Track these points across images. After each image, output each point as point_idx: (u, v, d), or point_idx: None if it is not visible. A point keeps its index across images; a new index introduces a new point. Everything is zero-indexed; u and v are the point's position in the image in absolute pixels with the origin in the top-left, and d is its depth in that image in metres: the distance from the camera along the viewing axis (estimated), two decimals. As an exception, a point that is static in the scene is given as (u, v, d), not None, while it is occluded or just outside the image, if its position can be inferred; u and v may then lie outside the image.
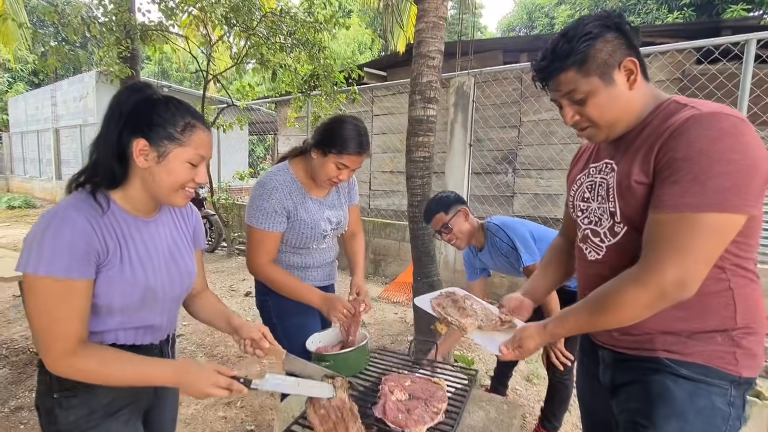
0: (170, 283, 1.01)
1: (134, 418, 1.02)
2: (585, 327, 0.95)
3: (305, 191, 1.56)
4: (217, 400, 2.49)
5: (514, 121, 5.13)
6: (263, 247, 1.50)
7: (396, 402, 1.30)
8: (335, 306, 1.47)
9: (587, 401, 1.21)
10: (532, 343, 1.04)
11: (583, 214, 1.03)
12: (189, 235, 1.12)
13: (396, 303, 4.19)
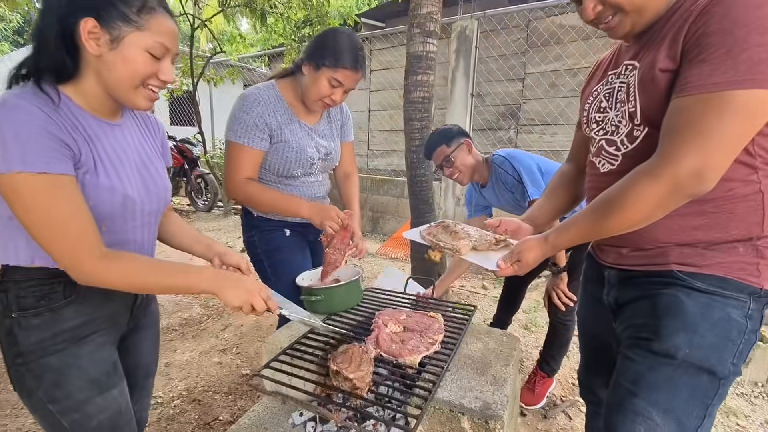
0: (147, 193, 0.92)
1: (108, 344, 0.94)
2: (590, 233, 0.87)
3: (293, 113, 1.43)
4: (213, 346, 2.47)
5: (519, 73, 4.89)
6: (241, 164, 1.38)
7: (390, 334, 1.24)
8: (329, 213, 1.36)
9: (589, 326, 1.15)
10: (531, 255, 0.97)
11: (599, 125, 0.95)
12: (158, 149, 1.03)
13: (394, 259, 4.15)
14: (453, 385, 1.01)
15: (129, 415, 0.97)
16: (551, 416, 1.88)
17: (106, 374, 0.91)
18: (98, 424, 0.90)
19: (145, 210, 0.93)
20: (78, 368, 0.87)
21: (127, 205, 0.87)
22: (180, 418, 1.86)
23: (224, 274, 0.89)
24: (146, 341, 1.11)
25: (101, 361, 0.91)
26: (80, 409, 0.87)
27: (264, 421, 1.13)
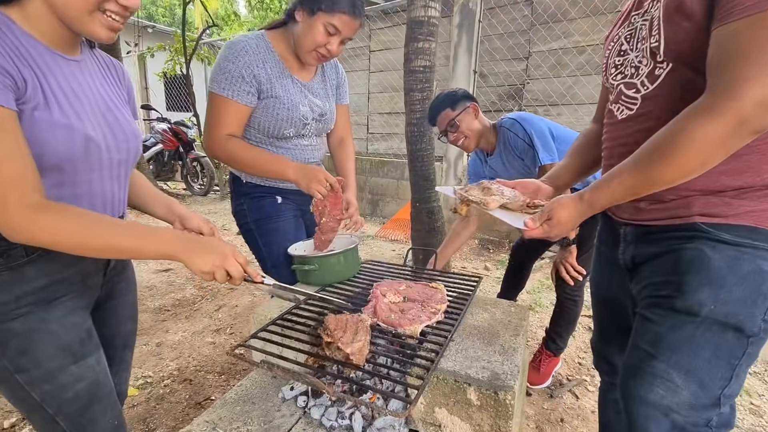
0: (113, 139, 0.82)
1: (80, 308, 0.84)
2: (635, 187, 0.75)
3: (284, 67, 1.31)
4: (206, 326, 2.39)
5: (523, 51, 4.73)
6: (224, 119, 1.25)
7: (389, 304, 1.15)
8: (316, 176, 1.23)
9: (603, 291, 1.07)
10: (564, 213, 0.86)
11: (617, 69, 0.87)
12: (124, 96, 0.93)
13: (394, 241, 4.05)
14: (458, 356, 0.92)
15: (109, 386, 0.88)
16: (557, 395, 1.80)
17: (80, 341, 0.82)
18: (75, 395, 0.81)
19: (113, 159, 0.82)
20: (48, 333, 0.77)
21: (91, 149, 0.76)
22: (170, 397, 1.78)
23: (190, 235, 0.79)
24: (123, 309, 1.01)
25: (73, 326, 0.81)
26: (52, 379, 0.78)
27: (252, 396, 1.04)
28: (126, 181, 0.91)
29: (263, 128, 1.32)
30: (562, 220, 0.87)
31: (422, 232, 2.59)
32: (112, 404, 0.88)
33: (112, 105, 0.85)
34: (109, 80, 0.89)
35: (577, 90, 4.23)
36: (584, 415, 1.69)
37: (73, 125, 0.73)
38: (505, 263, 3.38)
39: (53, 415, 0.79)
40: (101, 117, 0.81)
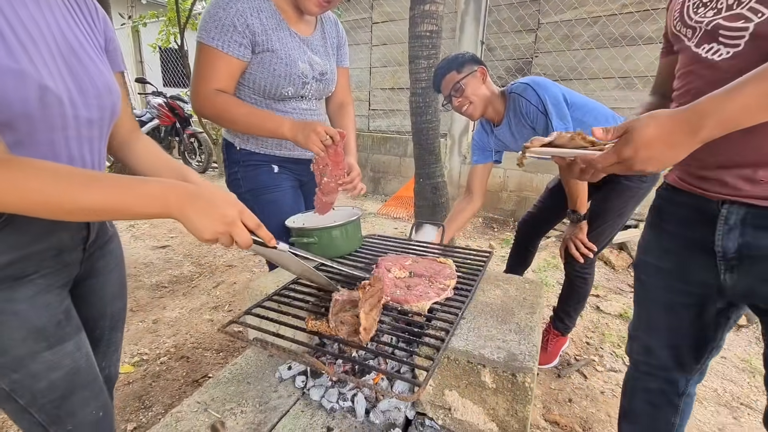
0: (80, 93, 0.68)
1: (56, 287, 0.73)
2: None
3: (281, 18, 1.18)
4: (204, 303, 2.34)
5: (532, 22, 4.51)
6: (213, 73, 1.13)
7: (394, 279, 1.07)
8: (314, 128, 1.10)
9: (666, 277, 0.88)
10: (652, 128, 0.61)
11: (706, 7, 0.72)
12: (98, 42, 0.78)
13: (396, 219, 3.97)
14: (470, 334, 0.85)
15: (92, 373, 0.78)
16: (565, 375, 1.75)
17: (56, 324, 0.71)
18: (49, 384, 0.71)
19: (80, 116, 0.69)
20: (14, 315, 0.66)
21: (49, 102, 0.64)
22: (167, 375, 1.73)
23: (189, 187, 0.64)
24: (108, 287, 0.90)
25: (47, 306, 0.70)
26: (22, 367, 0.68)
27: (247, 375, 0.98)
28: (102, 144, 0.79)
29: (259, 87, 1.20)
30: (646, 139, 0.60)
31: (426, 207, 2.49)
32: (96, 393, 0.79)
33: (79, 48, 0.71)
34: (78, 19, 0.75)
35: (589, 62, 4.05)
36: (593, 396, 1.64)
37: (23, 70, 0.60)
38: (509, 242, 3.30)
39: (25, 406, 0.70)
40: (62, 63, 0.67)
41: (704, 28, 0.72)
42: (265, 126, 1.16)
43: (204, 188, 0.65)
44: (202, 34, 1.12)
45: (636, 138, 0.61)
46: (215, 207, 0.64)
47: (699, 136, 0.59)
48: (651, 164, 0.62)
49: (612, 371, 1.79)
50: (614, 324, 2.17)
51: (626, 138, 0.63)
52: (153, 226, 3.70)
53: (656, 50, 3.74)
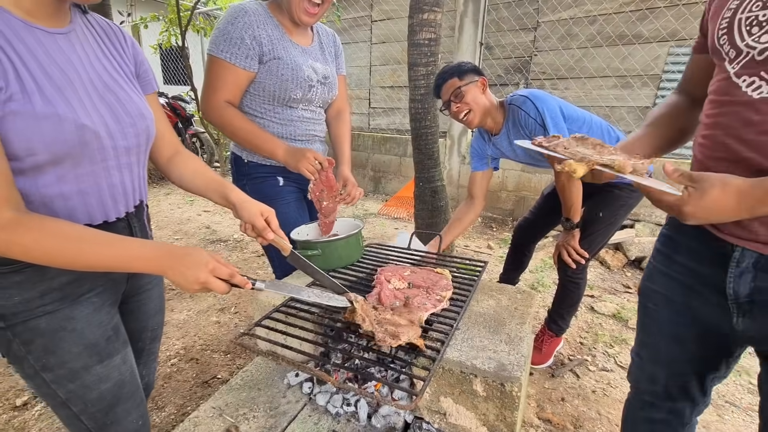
0: (116, 123, 0.74)
1: (107, 305, 0.81)
2: None
3: (283, 31, 1.28)
4: (211, 305, 2.42)
5: (531, 22, 4.54)
6: (222, 84, 1.23)
7: (393, 290, 1.14)
8: (304, 155, 1.22)
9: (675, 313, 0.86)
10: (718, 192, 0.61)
11: (762, 28, 0.62)
12: (129, 70, 0.82)
13: (396, 218, 4.03)
14: (464, 345, 0.92)
15: (135, 384, 0.86)
16: (559, 375, 1.82)
17: (106, 339, 0.79)
18: (99, 395, 0.79)
19: (119, 146, 0.75)
20: (72, 332, 0.74)
21: (87, 139, 0.69)
22: (177, 376, 1.81)
23: (171, 251, 0.72)
24: (151, 301, 0.97)
25: (99, 324, 0.78)
26: (77, 378, 0.76)
27: (257, 382, 1.05)
28: (141, 169, 0.84)
29: (269, 92, 1.28)
30: (718, 204, 0.61)
31: (426, 211, 2.56)
32: (137, 403, 0.86)
33: (112, 82, 0.75)
34: (108, 51, 0.78)
35: (586, 63, 4.09)
36: (585, 395, 1.71)
37: (59, 114, 0.65)
38: (507, 241, 3.37)
39: (77, 413, 0.78)
40: (98, 99, 0.72)
41: (754, 55, 0.63)
42: (263, 146, 1.27)
43: (184, 252, 0.72)
44: (212, 47, 1.21)
45: (704, 200, 0.62)
46: (191, 269, 0.71)
47: (755, 213, 0.60)
48: (699, 221, 0.64)
49: (604, 371, 1.86)
50: (608, 324, 2.25)
51: (695, 196, 0.63)
52: (158, 228, 3.77)
53: (653, 50, 3.78)
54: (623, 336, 2.12)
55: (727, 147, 0.67)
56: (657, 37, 3.67)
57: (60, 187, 0.69)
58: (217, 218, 4.10)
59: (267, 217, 0.92)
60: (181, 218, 4.04)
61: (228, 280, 0.74)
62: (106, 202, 0.76)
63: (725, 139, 0.68)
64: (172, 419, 1.58)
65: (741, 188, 0.60)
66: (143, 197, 0.86)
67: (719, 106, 0.70)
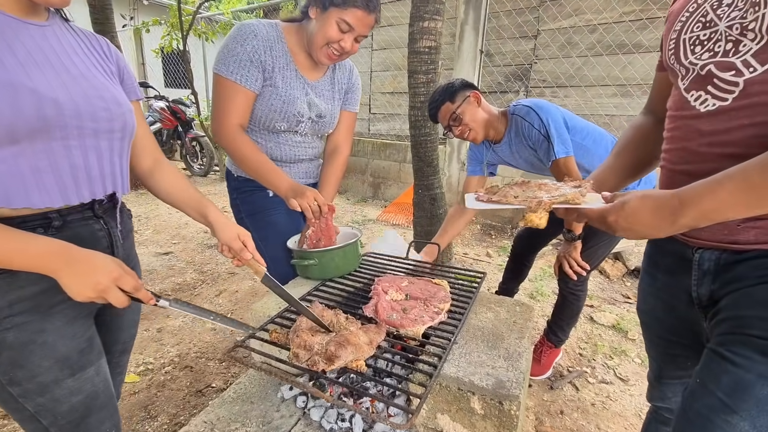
0: (87, 104, 0.71)
1: (82, 316, 0.78)
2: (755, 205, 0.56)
3: (291, 59, 1.25)
4: (206, 312, 2.39)
5: (531, 30, 4.56)
6: (234, 107, 1.20)
7: (390, 302, 1.12)
8: (304, 193, 1.21)
9: (663, 328, 0.89)
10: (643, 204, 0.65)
11: (703, 46, 0.67)
12: (110, 69, 0.82)
13: (395, 225, 4.02)
14: (461, 360, 0.90)
15: (108, 394, 0.84)
16: (558, 387, 1.80)
17: (79, 352, 0.77)
18: (70, 408, 0.77)
19: (86, 126, 0.71)
20: (43, 345, 0.72)
21: (46, 111, 0.66)
22: (171, 384, 1.79)
23: (67, 251, 0.66)
24: (127, 315, 0.95)
25: (73, 336, 0.75)
26: (47, 392, 0.74)
27: (250, 395, 1.03)
28: (115, 157, 0.80)
29: (255, 117, 1.27)
30: (636, 213, 0.65)
31: (425, 218, 2.55)
32: (111, 413, 0.84)
33: (88, 72, 0.75)
34: (89, 50, 0.79)
35: (586, 71, 4.10)
36: (584, 407, 1.69)
37: (13, 81, 0.62)
38: (507, 249, 3.35)
39: (47, 426, 0.76)
40: (71, 81, 0.71)
41: (697, 71, 0.68)
42: (267, 179, 1.26)
43: (85, 254, 0.67)
44: (221, 67, 1.18)
45: (624, 209, 0.66)
46: (89, 274, 0.66)
47: (677, 224, 0.62)
48: (629, 235, 0.67)
49: (603, 383, 1.84)
50: (607, 335, 2.23)
51: (616, 205, 0.67)
52: (156, 232, 3.75)
53: (653, 59, 3.79)
54: (623, 347, 2.10)
55: (685, 159, 0.71)
56: (657, 46, 3.68)
57: (17, 163, 0.65)
58: (215, 223, 4.08)
59: (244, 239, 0.92)
60: (179, 222, 4.02)
61: (131, 293, 0.71)
62: (67, 183, 0.72)
63: (682, 153, 0.71)
64: (164, 429, 1.55)
65: (657, 196, 0.64)
66: (117, 189, 0.82)
67: (675, 120, 0.74)
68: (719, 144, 0.65)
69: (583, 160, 1.57)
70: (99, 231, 0.79)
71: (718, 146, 0.65)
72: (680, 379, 0.92)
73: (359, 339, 0.88)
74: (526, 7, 4.47)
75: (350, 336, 0.87)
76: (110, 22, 4.74)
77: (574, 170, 1.46)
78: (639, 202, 0.65)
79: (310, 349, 0.85)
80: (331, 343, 0.85)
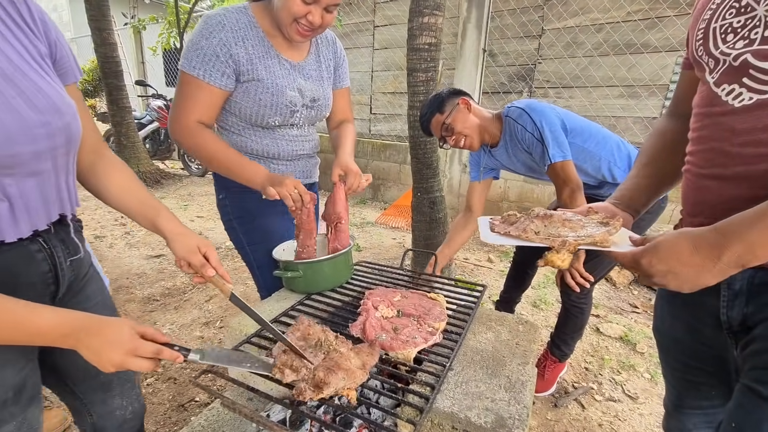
0: (19, 123, 0.57)
1: (14, 358, 0.67)
2: None
3: (270, 45, 1.13)
4: (195, 318, 2.30)
5: (535, 29, 4.45)
6: (194, 104, 1.08)
7: (380, 319, 1.01)
8: (283, 181, 1.06)
9: (684, 351, 0.81)
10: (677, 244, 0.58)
11: (736, 34, 0.60)
12: (38, 52, 0.64)
13: (395, 228, 3.92)
14: (457, 390, 0.79)
15: None
16: (562, 405, 1.69)
17: (1, 404, 0.65)
18: None
19: (24, 152, 0.59)
20: None
21: None
22: (152, 398, 1.69)
23: (82, 324, 0.59)
24: None
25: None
26: None
27: (223, 423, 0.93)
28: (63, 175, 0.69)
29: (245, 115, 1.16)
30: (673, 252, 0.57)
31: (423, 223, 2.44)
32: None
33: (12, 72, 0.58)
34: (8, 30, 0.61)
35: (592, 71, 3.99)
36: (591, 428, 1.58)
37: None
38: (509, 255, 3.24)
39: None
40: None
41: (730, 61, 0.60)
42: (241, 174, 1.12)
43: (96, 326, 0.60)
44: (184, 62, 1.07)
45: (658, 249, 0.59)
46: (104, 350, 0.59)
47: (723, 260, 0.54)
48: (671, 280, 0.59)
49: (611, 401, 1.73)
50: (614, 348, 2.12)
51: (649, 248, 0.60)
52: (148, 233, 3.66)
53: (662, 59, 3.68)
54: (631, 361, 1.99)
55: (714, 162, 0.64)
56: (666, 46, 3.57)
57: None
58: (210, 224, 3.99)
59: (205, 252, 0.79)
60: (173, 224, 3.93)
61: (155, 357, 0.63)
62: (18, 218, 0.62)
63: (711, 155, 0.64)
64: (141, 449, 1.45)
65: (696, 231, 0.57)
66: (66, 210, 0.71)
67: (702, 118, 0.67)
68: (755, 143, 0.57)
69: (586, 164, 1.47)
70: (38, 253, 0.68)
71: (753, 145, 0.57)
72: (702, 410, 0.83)
73: (351, 363, 0.78)
74: (531, 5, 4.36)
75: (341, 360, 0.77)
76: (106, 19, 4.67)
77: (572, 175, 1.36)
78: (675, 239, 0.58)
79: (297, 371, 0.75)
80: (319, 368, 0.75)
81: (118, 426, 0.91)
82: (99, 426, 0.91)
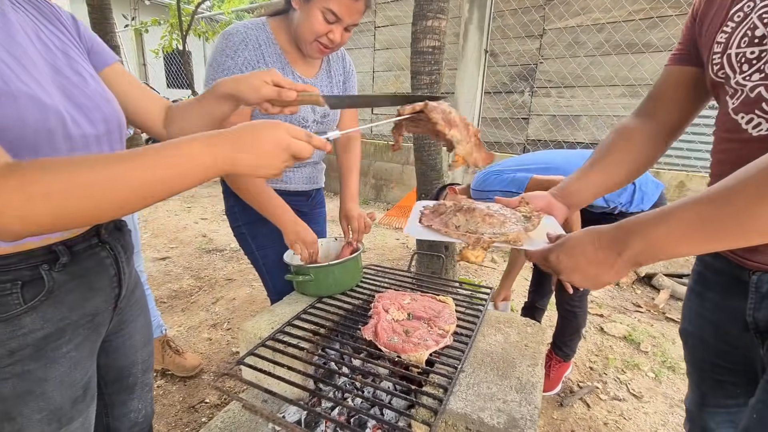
0: (76, 108, 0.62)
1: (85, 357, 0.69)
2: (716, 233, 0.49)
3: (286, 62, 1.16)
4: (202, 320, 2.32)
5: (537, 29, 4.46)
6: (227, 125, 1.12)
7: (391, 322, 1.03)
8: (305, 240, 1.17)
9: (708, 351, 0.82)
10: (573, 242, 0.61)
11: (751, 65, 0.61)
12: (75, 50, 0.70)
13: (398, 229, 3.94)
14: (469, 392, 0.81)
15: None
16: (568, 404, 1.71)
17: (73, 401, 0.68)
18: None
19: (88, 134, 0.63)
20: (41, 396, 0.64)
21: (51, 122, 0.57)
22: (163, 399, 1.71)
23: (227, 133, 0.57)
24: (137, 334, 0.87)
25: (71, 384, 0.67)
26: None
27: (239, 425, 0.95)
28: None
29: None
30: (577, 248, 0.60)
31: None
32: None
33: (63, 66, 0.64)
34: (47, 29, 0.67)
35: (594, 71, 4.00)
36: (596, 427, 1.60)
37: (13, 92, 0.53)
38: (512, 255, 3.26)
39: None
40: (50, 80, 0.60)
41: (747, 92, 0.61)
42: (267, 210, 1.19)
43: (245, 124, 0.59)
44: (210, 83, 1.08)
45: (564, 245, 0.62)
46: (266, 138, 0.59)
47: (623, 257, 0.55)
48: (576, 276, 0.61)
49: (616, 400, 1.75)
50: (618, 347, 2.14)
51: (558, 244, 0.63)
52: (154, 236, 3.69)
53: (663, 59, 3.68)
54: (635, 360, 2.01)
55: None
56: (667, 45, 3.58)
57: None
58: (214, 226, 4.01)
59: (273, 79, 0.75)
60: (177, 226, 3.96)
61: (308, 140, 0.64)
62: None
63: None
64: (154, 449, 1.48)
65: (601, 228, 0.59)
66: None
67: (723, 143, 0.68)
68: None
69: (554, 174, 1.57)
70: (106, 259, 0.71)
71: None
72: (727, 409, 0.85)
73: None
74: (532, 5, 4.37)
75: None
76: (109, 22, 4.67)
77: (546, 182, 1.45)
78: (582, 236, 0.60)
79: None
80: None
81: (129, 428, 0.93)
82: (112, 427, 0.93)
